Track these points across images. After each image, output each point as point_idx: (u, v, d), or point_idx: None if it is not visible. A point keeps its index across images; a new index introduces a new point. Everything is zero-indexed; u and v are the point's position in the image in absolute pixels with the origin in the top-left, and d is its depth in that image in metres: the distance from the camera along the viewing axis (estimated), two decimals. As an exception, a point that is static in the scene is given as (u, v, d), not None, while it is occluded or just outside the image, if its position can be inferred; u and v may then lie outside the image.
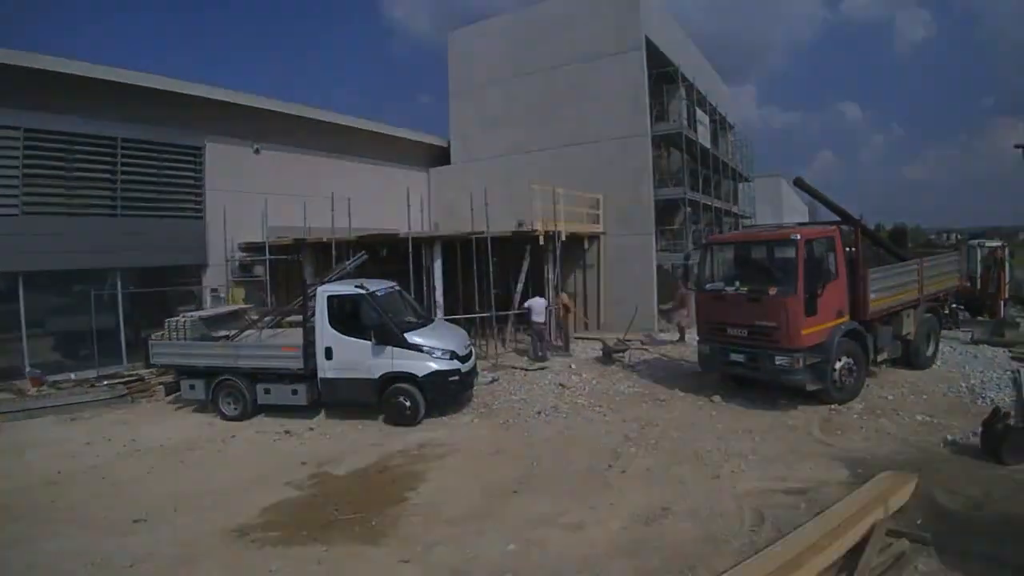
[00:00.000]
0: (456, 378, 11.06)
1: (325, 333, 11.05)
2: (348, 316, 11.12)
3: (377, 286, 11.67)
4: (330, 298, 11.16)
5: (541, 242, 17.07)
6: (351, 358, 10.91)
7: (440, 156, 25.35)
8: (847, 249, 11.02)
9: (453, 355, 11.05)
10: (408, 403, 10.67)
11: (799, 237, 10.24)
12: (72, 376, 14.57)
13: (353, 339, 10.92)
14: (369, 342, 10.80)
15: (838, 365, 10.35)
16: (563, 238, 17.34)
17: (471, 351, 11.99)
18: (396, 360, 10.77)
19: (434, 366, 10.78)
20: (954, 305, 15.34)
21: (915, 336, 12.30)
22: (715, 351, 11.40)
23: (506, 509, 7.10)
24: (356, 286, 11.27)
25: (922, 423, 9.31)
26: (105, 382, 13.79)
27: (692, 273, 12.26)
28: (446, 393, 11.05)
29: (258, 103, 18.83)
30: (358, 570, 5.86)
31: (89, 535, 6.78)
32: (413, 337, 10.94)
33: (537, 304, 15.83)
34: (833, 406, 10.18)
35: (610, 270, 19.73)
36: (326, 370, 11.05)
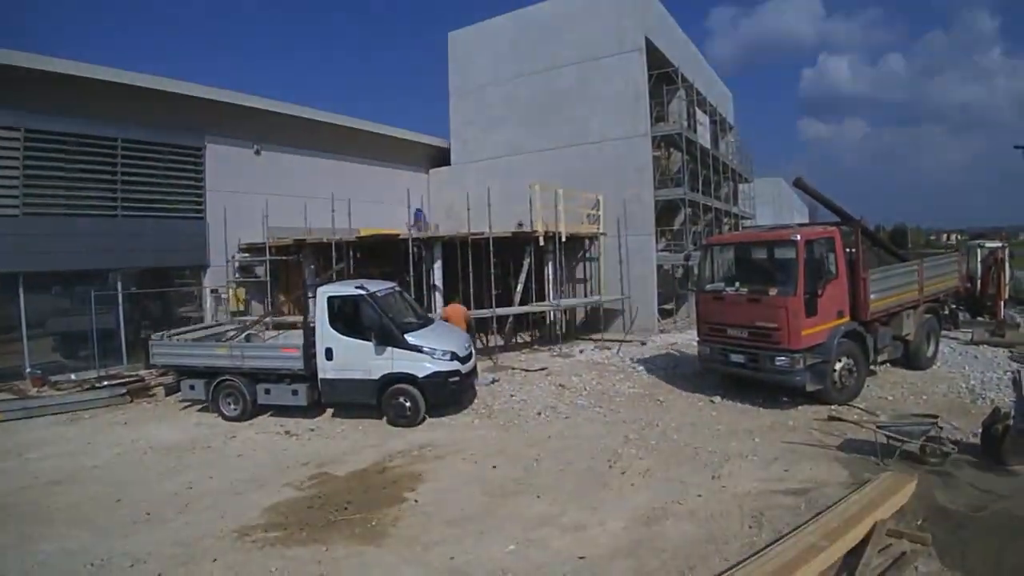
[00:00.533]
0: (456, 379, 11.04)
1: (325, 334, 11.04)
2: (348, 317, 11.09)
3: (377, 287, 11.66)
4: (331, 299, 11.15)
5: (541, 243, 17.07)
6: (351, 359, 10.89)
7: (440, 157, 25.34)
8: (847, 250, 11.02)
9: (453, 356, 11.03)
10: (408, 404, 10.66)
11: (799, 238, 10.26)
12: (72, 377, 14.61)
13: (353, 340, 10.90)
14: (369, 343, 10.78)
15: (838, 366, 10.37)
16: (563, 239, 17.33)
17: (471, 352, 11.99)
18: (396, 361, 10.76)
19: (434, 367, 10.77)
20: (954, 306, 15.36)
21: (915, 337, 12.31)
22: (715, 352, 11.41)
23: (506, 510, 7.10)
24: (356, 287, 11.27)
25: (922, 424, 9.30)
26: (105, 383, 13.80)
27: (693, 274, 12.26)
28: (446, 394, 11.02)
29: (258, 104, 18.85)
30: (358, 571, 5.85)
31: (90, 535, 6.78)
32: (413, 338, 10.94)
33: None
34: (833, 407, 10.18)
35: (610, 271, 19.72)
36: (326, 370, 11.04)
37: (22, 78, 13.64)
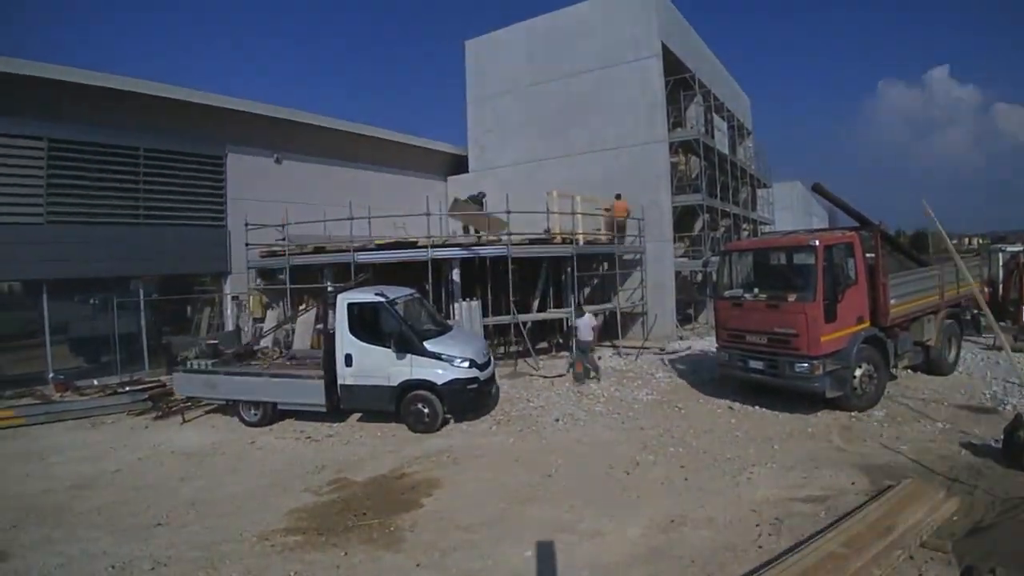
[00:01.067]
0: (475, 386, 11.07)
1: (345, 340, 11.11)
2: (368, 323, 11.17)
3: (397, 293, 11.71)
4: (350, 305, 11.22)
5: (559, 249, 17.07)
6: (370, 365, 10.95)
7: (457, 164, 25.49)
8: (867, 255, 10.93)
9: (472, 363, 11.05)
10: (427, 410, 10.70)
11: (818, 243, 10.19)
12: (95, 382, 14.83)
13: (373, 346, 10.97)
14: (388, 349, 10.84)
15: (858, 372, 10.27)
16: (581, 245, 17.31)
17: (490, 359, 12.00)
18: (415, 368, 10.80)
19: (453, 374, 10.79)
20: (975, 311, 15.17)
21: (936, 342, 12.19)
22: (734, 358, 11.35)
23: (523, 516, 7.10)
24: (376, 293, 11.34)
25: (943, 430, 9.20)
26: (127, 388, 13.97)
27: (711, 280, 12.21)
28: (465, 400, 11.05)
29: (278, 113, 19.14)
30: None
31: (112, 538, 6.88)
32: (432, 345, 10.98)
33: (583, 323, 14.19)
34: (853, 413, 10.10)
35: (628, 277, 19.67)
36: (345, 376, 11.09)
37: (46, 89, 13.93)
